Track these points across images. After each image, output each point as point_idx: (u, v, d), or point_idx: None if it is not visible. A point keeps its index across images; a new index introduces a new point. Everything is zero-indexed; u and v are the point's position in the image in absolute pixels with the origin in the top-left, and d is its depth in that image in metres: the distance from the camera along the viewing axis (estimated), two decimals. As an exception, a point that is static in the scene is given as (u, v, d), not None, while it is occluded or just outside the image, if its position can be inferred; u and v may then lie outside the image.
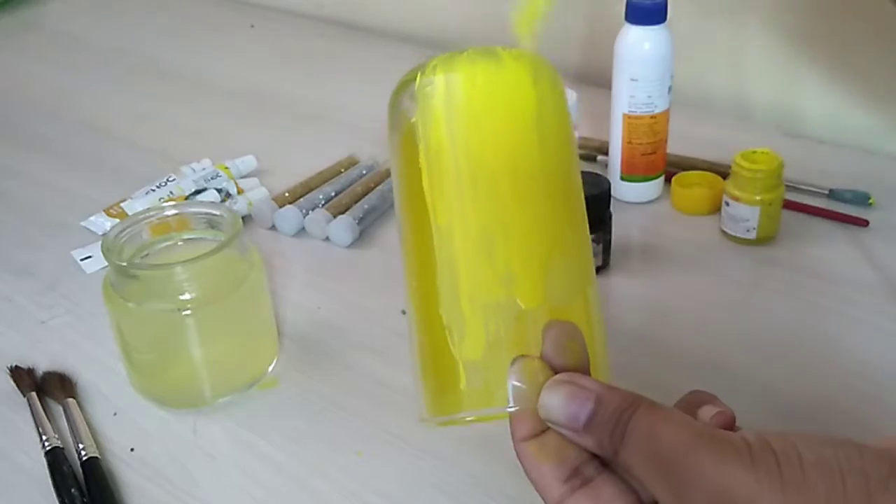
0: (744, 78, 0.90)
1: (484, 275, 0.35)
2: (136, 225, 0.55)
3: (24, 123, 0.96)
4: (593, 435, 0.32)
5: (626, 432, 0.31)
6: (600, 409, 0.32)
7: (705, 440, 0.29)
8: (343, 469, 0.50)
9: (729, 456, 0.29)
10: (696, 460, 0.29)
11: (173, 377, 0.55)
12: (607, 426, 0.31)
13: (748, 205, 0.66)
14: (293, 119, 0.94)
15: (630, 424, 0.31)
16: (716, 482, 0.28)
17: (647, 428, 0.31)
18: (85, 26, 1.24)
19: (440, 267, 0.37)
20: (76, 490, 0.48)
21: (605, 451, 0.32)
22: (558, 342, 0.34)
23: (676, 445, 0.30)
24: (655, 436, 0.30)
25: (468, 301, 0.36)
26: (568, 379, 0.33)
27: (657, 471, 0.30)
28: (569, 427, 0.32)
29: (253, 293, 0.55)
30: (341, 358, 0.59)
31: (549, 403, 0.33)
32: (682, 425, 0.30)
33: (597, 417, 0.32)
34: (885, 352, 0.57)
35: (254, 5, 1.28)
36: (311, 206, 0.73)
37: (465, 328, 0.36)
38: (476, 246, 0.36)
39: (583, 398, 0.32)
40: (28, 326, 0.63)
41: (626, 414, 0.31)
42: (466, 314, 0.36)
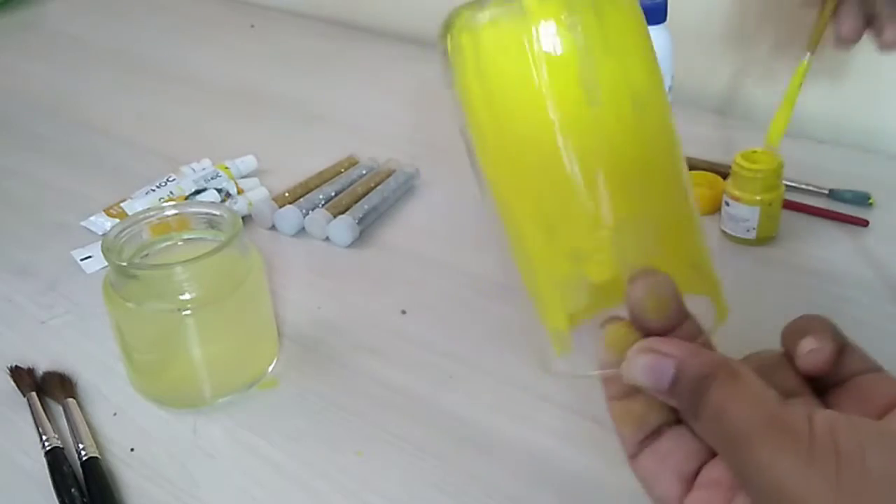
0: (744, 78, 0.90)
1: (549, 252, 0.34)
2: (136, 225, 0.55)
3: (23, 123, 0.96)
4: (677, 399, 0.32)
5: (700, 404, 0.31)
6: (681, 375, 0.32)
7: (769, 427, 0.29)
8: (343, 469, 0.50)
9: (788, 448, 0.28)
10: (757, 449, 0.29)
11: (173, 377, 0.55)
12: (686, 394, 0.31)
13: (748, 205, 0.66)
14: (293, 119, 0.94)
15: (705, 398, 0.31)
16: (772, 474, 0.28)
17: (718, 405, 0.30)
18: (85, 26, 1.24)
19: (510, 239, 0.35)
20: (76, 490, 0.48)
21: (687, 416, 0.32)
22: (640, 302, 0.33)
23: (741, 429, 0.29)
24: (725, 415, 0.30)
25: (541, 275, 0.35)
26: (649, 346, 0.33)
27: (724, 450, 0.30)
28: (654, 390, 0.32)
29: (253, 293, 0.55)
30: (341, 358, 0.59)
31: (631, 372, 0.33)
32: (752, 406, 0.30)
33: (678, 385, 0.32)
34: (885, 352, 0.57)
35: (254, 5, 1.28)
36: (311, 206, 0.73)
37: (544, 301, 0.35)
38: (536, 223, 0.34)
39: (663, 367, 0.32)
40: (28, 326, 0.63)
41: (703, 384, 0.31)
42: (542, 289, 0.35)
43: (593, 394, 0.54)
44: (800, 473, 0.28)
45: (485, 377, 0.57)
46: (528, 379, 0.56)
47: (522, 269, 0.36)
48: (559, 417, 0.53)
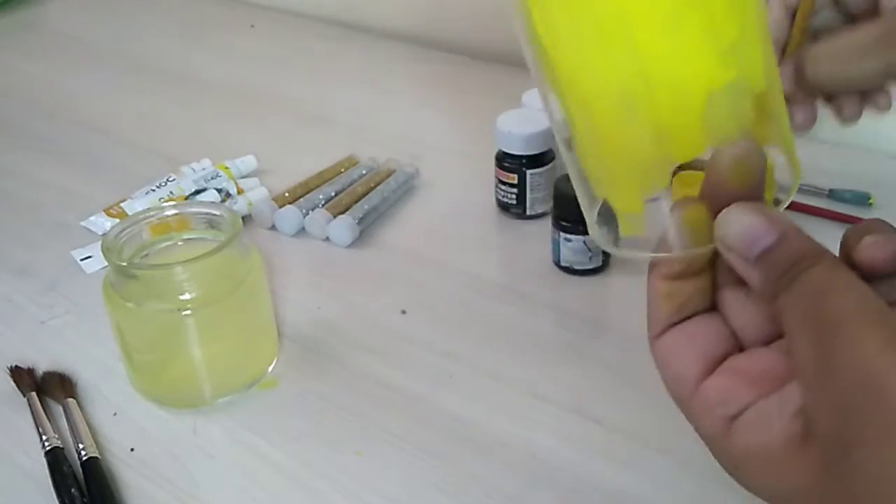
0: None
1: (629, 134, 0.32)
2: (136, 225, 0.55)
3: (23, 123, 0.96)
4: (762, 269, 0.30)
5: (795, 279, 0.29)
6: (782, 245, 0.30)
7: (879, 321, 0.27)
8: (343, 469, 0.50)
9: (893, 343, 0.26)
10: (861, 336, 0.27)
11: (173, 377, 0.55)
12: (780, 266, 0.29)
13: None
14: (293, 119, 0.94)
15: (804, 275, 0.29)
16: (873, 365, 0.26)
17: (820, 284, 0.28)
18: (85, 26, 1.24)
19: (578, 124, 0.33)
20: (76, 490, 0.48)
21: (765, 290, 0.30)
22: (725, 169, 0.31)
23: (845, 314, 0.27)
24: (825, 296, 0.28)
25: (619, 162, 0.33)
26: (758, 207, 0.31)
27: (811, 332, 0.28)
28: (740, 253, 0.30)
29: (253, 293, 0.55)
30: (341, 358, 0.59)
31: (730, 223, 0.31)
32: (860, 297, 0.28)
33: (774, 253, 0.30)
34: (885, 352, 0.57)
35: (254, 5, 1.28)
36: (311, 206, 0.73)
37: (618, 186, 0.33)
38: (614, 103, 0.32)
39: (768, 228, 0.30)
40: (28, 326, 0.63)
41: (805, 262, 0.29)
42: (617, 174, 0.33)
43: (594, 394, 0.54)
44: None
45: (485, 377, 0.57)
46: (528, 379, 0.56)
47: (591, 153, 0.33)
48: (559, 417, 0.53)
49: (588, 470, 0.50)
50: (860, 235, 0.31)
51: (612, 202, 0.34)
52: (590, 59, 0.32)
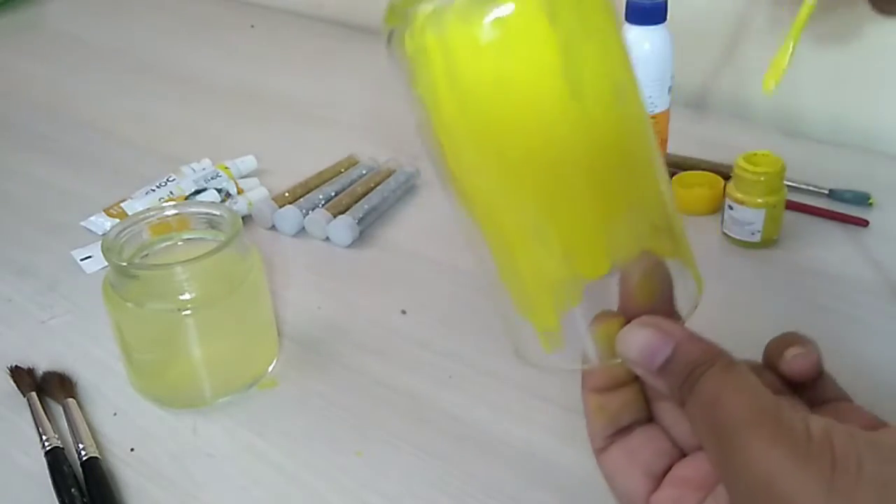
0: (744, 78, 0.90)
1: (540, 257, 0.33)
2: (136, 225, 0.55)
3: (24, 123, 0.96)
4: (665, 380, 0.32)
5: (693, 387, 0.30)
6: (677, 356, 0.31)
7: (765, 419, 0.28)
8: (343, 469, 0.50)
9: (783, 443, 0.28)
10: (750, 440, 0.28)
11: (173, 377, 0.55)
12: (680, 376, 0.31)
13: (753, 208, 0.66)
14: (293, 119, 0.94)
15: (699, 383, 0.30)
16: (762, 467, 0.28)
17: (713, 392, 0.30)
18: (85, 26, 1.24)
19: (493, 249, 0.34)
20: (76, 490, 0.48)
21: (675, 398, 0.32)
22: (632, 285, 0.33)
23: (734, 418, 0.29)
24: (718, 403, 0.29)
25: (531, 282, 0.34)
26: (652, 321, 0.32)
27: (711, 437, 0.30)
28: (643, 367, 0.32)
29: (253, 293, 0.55)
30: (341, 358, 0.59)
31: (628, 342, 0.32)
32: (749, 397, 0.29)
33: (672, 365, 0.31)
34: (885, 352, 0.57)
35: (254, 5, 1.28)
36: (311, 206, 0.73)
37: (535, 306, 0.34)
38: (523, 227, 0.33)
39: (662, 342, 0.32)
40: (28, 326, 0.63)
41: (699, 370, 0.30)
42: (532, 294, 0.34)
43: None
44: (794, 470, 0.27)
45: (485, 377, 0.57)
46: (528, 379, 0.56)
47: (506, 274, 0.35)
48: (559, 417, 0.53)
49: (588, 470, 0.49)
50: (781, 349, 0.33)
51: (530, 321, 0.35)
52: (498, 191, 0.32)
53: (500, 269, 0.35)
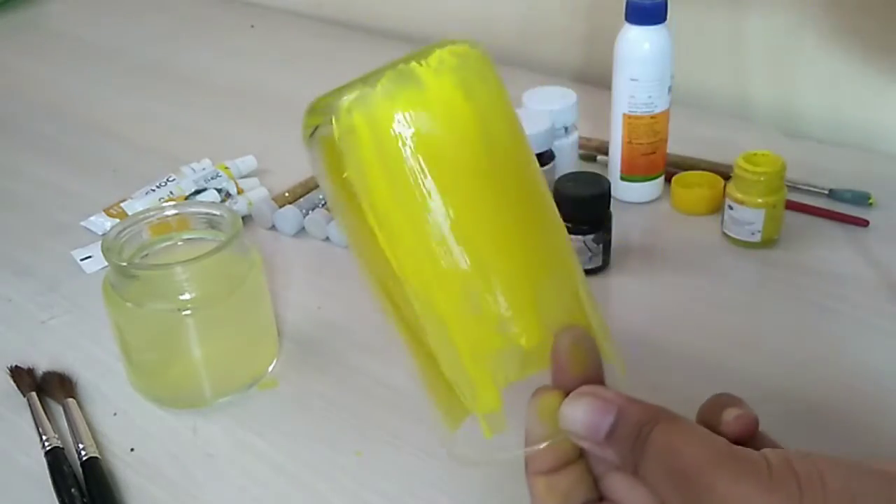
0: (744, 78, 0.90)
1: (477, 328, 0.33)
2: (136, 225, 0.55)
3: (24, 123, 0.96)
4: (614, 447, 0.31)
5: (644, 446, 0.30)
6: (621, 421, 0.31)
7: (724, 458, 0.29)
8: (343, 469, 0.50)
9: (747, 476, 0.28)
10: (713, 479, 0.28)
11: (173, 377, 0.55)
12: (628, 439, 0.31)
13: (753, 208, 0.66)
14: (293, 119, 0.93)
15: (650, 438, 0.30)
16: (732, 502, 0.28)
17: (665, 443, 0.30)
18: (85, 26, 1.24)
19: (428, 327, 0.34)
20: (76, 490, 0.48)
21: (626, 464, 0.31)
22: (565, 354, 0.33)
23: (694, 462, 0.29)
24: (674, 451, 0.30)
25: (469, 358, 0.34)
26: (589, 391, 0.32)
27: (674, 486, 0.29)
28: (590, 439, 0.32)
29: (253, 293, 0.55)
30: (341, 358, 0.59)
31: (570, 416, 0.32)
32: (702, 442, 0.30)
33: (618, 430, 0.31)
34: (885, 352, 0.57)
35: (254, 5, 1.28)
36: (311, 206, 0.73)
37: (475, 386, 0.34)
38: (459, 301, 0.33)
39: (604, 410, 0.32)
40: (28, 326, 0.63)
41: (646, 428, 0.31)
42: (471, 372, 0.34)
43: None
44: (763, 498, 0.27)
45: (485, 377, 0.56)
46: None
47: (443, 356, 0.35)
48: (559, 417, 0.53)
49: (588, 470, 0.50)
50: (717, 410, 0.33)
51: (471, 406, 0.35)
52: (430, 263, 0.33)
53: (437, 351, 0.35)
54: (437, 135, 0.32)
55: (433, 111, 0.32)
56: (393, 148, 0.32)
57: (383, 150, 0.32)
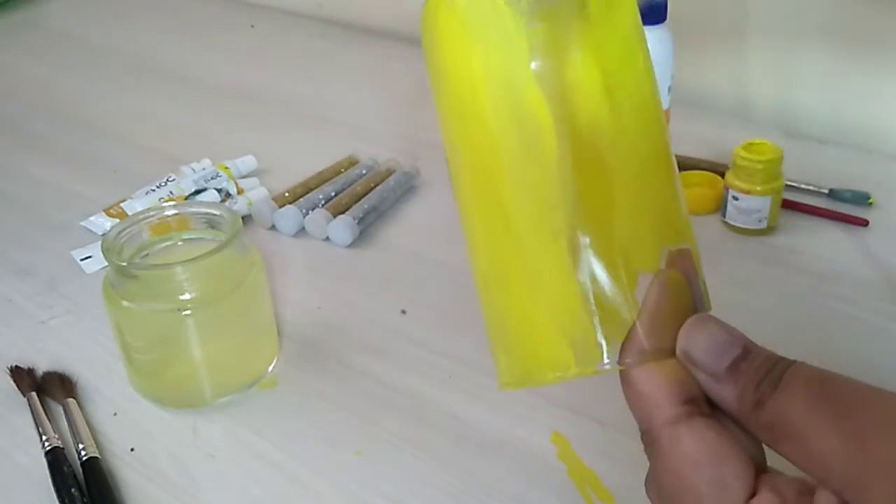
0: (744, 78, 0.90)
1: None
2: (136, 225, 0.55)
3: (24, 123, 0.96)
4: (736, 381, 0.28)
5: (783, 380, 0.27)
6: (750, 355, 0.28)
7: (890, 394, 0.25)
8: (343, 469, 0.50)
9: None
10: (887, 405, 0.25)
11: (173, 377, 0.55)
12: (756, 373, 0.28)
13: (760, 195, 0.67)
14: (293, 119, 0.94)
15: (790, 371, 0.27)
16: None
17: (816, 374, 0.27)
18: (85, 26, 1.24)
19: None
20: (76, 490, 0.48)
21: (745, 404, 0.27)
22: (663, 293, 0.30)
23: (856, 393, 0.26)
24: (828, 382, 0.26)
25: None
26: (716, 320, 0.29)
27: (831, 414, 0.26)
28: (709, 368, 0.28)
29: (253, 293, 0.55)
30: (341, 358, 0.59)
31: (690, 337, 0.29)
32: (859, 382, 0.26)
33: (745, 363, 0.28)
34: (885, 351, 0.57)
35: (254, 5, 1.28)
36: (311, 206, 0.73)
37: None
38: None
39: (731, 341, 0.28)
40: (28, 326, 0.63)
41: (781, 364, 0.28)
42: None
43: (593, 393, 0.54)
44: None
45: (485, 377, 0.56)
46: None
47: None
48: (559, 417, 0.53)
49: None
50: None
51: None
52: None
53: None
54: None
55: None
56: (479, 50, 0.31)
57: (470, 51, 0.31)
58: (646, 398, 0.29)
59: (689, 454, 0.28)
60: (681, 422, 0.28)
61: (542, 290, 0.31)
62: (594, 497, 0.47)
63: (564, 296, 0.30)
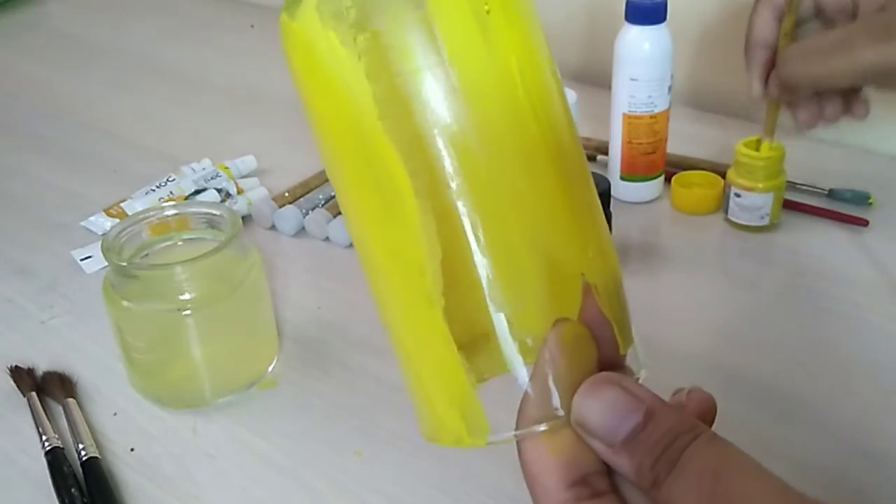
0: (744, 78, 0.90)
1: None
2: (136, 225, 0.55)
3: (24, 123, 0.96)
4: (633, 455, 0.26)
5: (679, 462, 0.25)
6: (650, 425, 0.25)
7: (779, 492, 0.24)
8: (343, 469, 0.50)
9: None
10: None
11: (173, 377, 0.55)
12: (654, 448, 0.25)
13: (763, 192, 0.67)
14: (293, 119, 0.94)
15: (688, 453, 0.25)
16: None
17: (711, 464, 0.24)
18: (85, 26, 1.24)
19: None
20: (76, 490, 0.48)
21: (642, 479, 0.26)
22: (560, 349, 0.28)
23: (747, 497, 0.24)
24: (720, 477, 0.24)
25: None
26: (617, 380, 0.26)
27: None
28: (604, 439, 0.26)
29: (253, 293, 0.55)
30: (341, 358, 0.59)
31: (585, 404, 0.26)
32: (757, 474, 0.24)
33: (643, 434, 0.25)
34: (885, 352, 0.57)
35: (254, 5, 1.28)
36: (311, 206, 0.73)
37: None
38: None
39: (630, 407, 0.26)
40: (28, 326, 0.63)
41: (682, 439, 0.25)
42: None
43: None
44: None
45: (485, 377, 0.56)
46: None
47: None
48: (559, 417, 0.53)
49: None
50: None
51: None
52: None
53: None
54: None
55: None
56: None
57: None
58: (534, 480, 0.28)
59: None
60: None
61: (428, 359, 0.30)
62: None
63: (448, 365, 0.29)
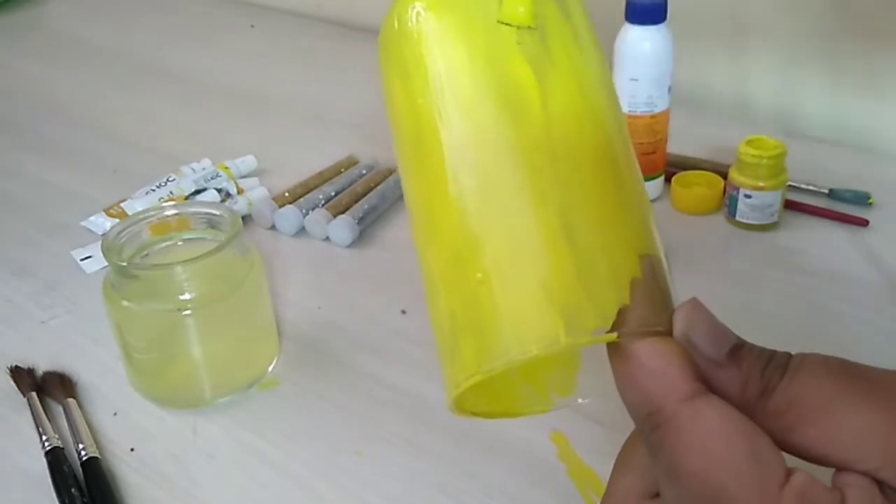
0: (744, 78, 0.90)
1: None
2: (136, 225, 0.55)
3: (24, 123, 0.96)
4: (739, 366, 0.26)
5: (789, 365, 0.26)
6: (746, 344, 0.27)
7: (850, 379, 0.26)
8: (343, 469, 0.50)
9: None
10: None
11: (173, 377, 0.55)
12: (758, 360, 0.26)
13: (772, 190, 0.68)
14: (293, 119, 0.94)
15: (799, 358, 0.26)
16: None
17: (833, 358, 0.26)
18: (85, 26, 1.24)
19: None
20: (76, 490, 0.48)
21: (750, 390, 0.26)
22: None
23: (878, 373, 0.26)
24: (848, 364, 0.26)
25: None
26: (707, 312, 0.28)
27: (860, 393, 0.25)
28: (710, 353, 0.27)
29: (253, 293, 0.55)
30: (341, 358, 0.59)
31: (691, 320, 0.27)
32: (872, 367, 0.26)
33: (743, 350, 0.27)
34: (886, 351, 0.57)
35: (254, 5, 1.28)
36: (311, 206, 0.73)
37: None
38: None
39: (726, 329, 0.27)
40: (28, 326, 0.63)
41: (780, 354, 0.26)
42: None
43: (593, 394, 0.54)
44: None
45: (485, 377, 0.56)
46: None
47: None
48: (559, 417, 0.53)
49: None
50: None
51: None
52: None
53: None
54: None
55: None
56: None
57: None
58: (657, 374, 0.27)
59: (717, 429, 0.25)
60: (699, 397, 0.26)
61: (528, 258, 0.29)
62: (594, 497, 0.47)
63: (553, 263, 0.29)
